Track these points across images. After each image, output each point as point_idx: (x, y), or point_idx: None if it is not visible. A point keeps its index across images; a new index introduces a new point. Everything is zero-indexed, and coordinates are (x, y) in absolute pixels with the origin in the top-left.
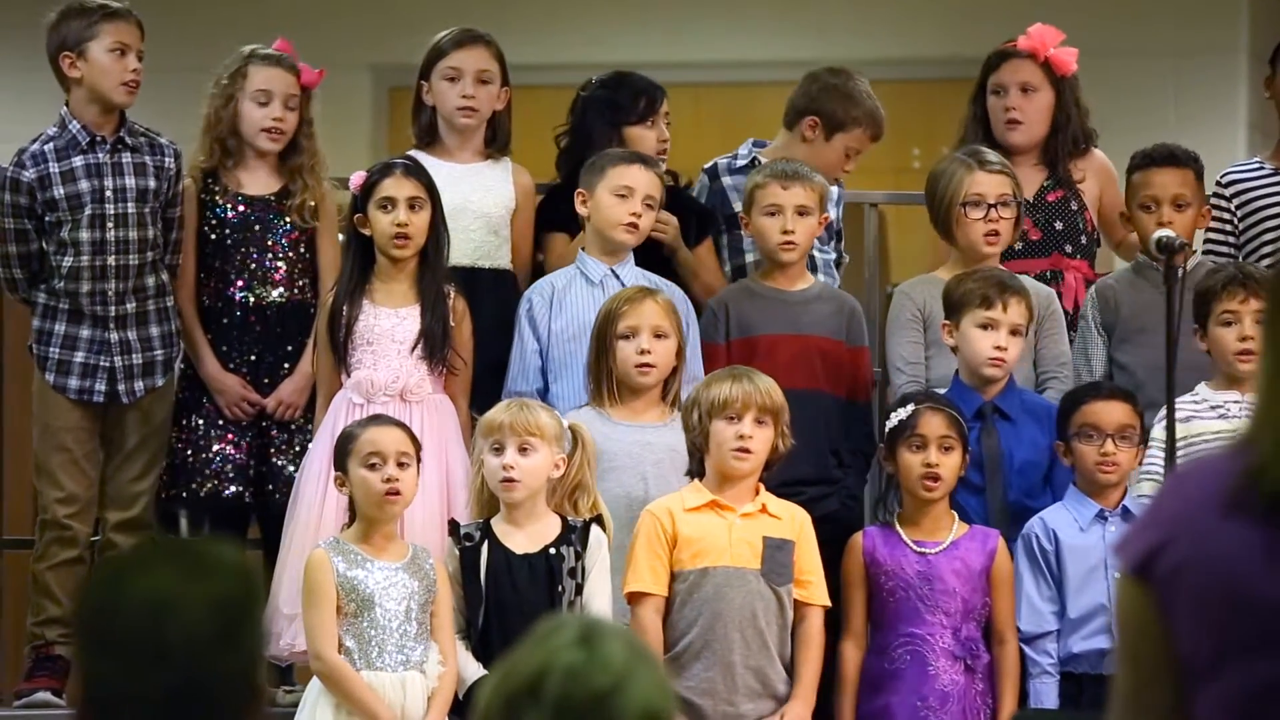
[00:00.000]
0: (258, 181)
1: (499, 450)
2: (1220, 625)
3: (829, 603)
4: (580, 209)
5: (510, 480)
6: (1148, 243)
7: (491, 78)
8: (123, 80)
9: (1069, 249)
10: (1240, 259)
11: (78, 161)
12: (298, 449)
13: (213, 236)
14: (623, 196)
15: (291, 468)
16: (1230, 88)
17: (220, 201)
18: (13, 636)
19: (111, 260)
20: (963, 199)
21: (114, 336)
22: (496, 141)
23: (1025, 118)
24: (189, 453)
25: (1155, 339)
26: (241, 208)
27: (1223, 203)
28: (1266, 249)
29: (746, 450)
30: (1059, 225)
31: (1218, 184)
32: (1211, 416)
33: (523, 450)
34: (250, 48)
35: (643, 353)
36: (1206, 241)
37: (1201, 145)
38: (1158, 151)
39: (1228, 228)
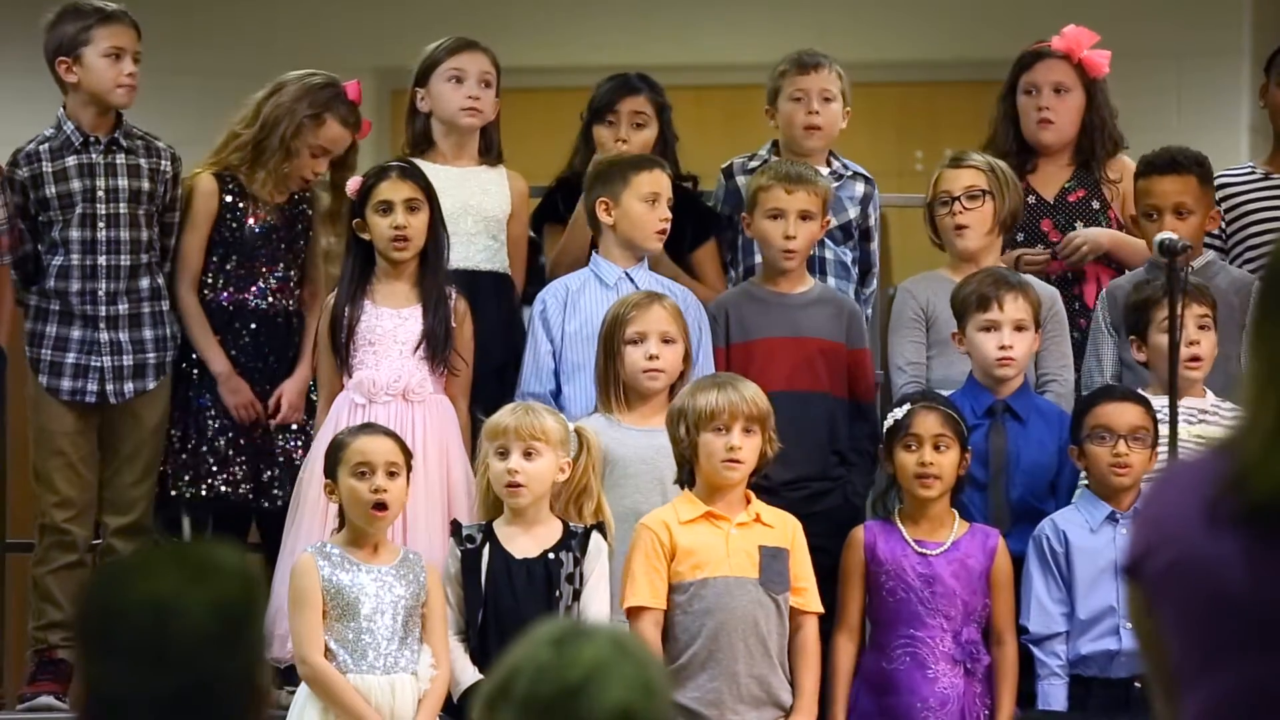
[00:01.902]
0: (275, 189)
1: (504, 454)
2: (1203, 627)
3: (823, 609)
4: (604, 218)
5: (515, 485)
6: (1153, 247)
7: (492, 82)
8: (119, 83)
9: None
10: (1229, 263)
11: (71, 161)
12: (301, 449)
13: (231, 239)
14: (652, 203)
15: (296, 464)
16: (1232, 91)
17: (242, 206)
18: (16, 640)
19: (102, 260)
20: (933, 198)
21: (104, 336)
22: (490, 152)
23: (1057, 118)
24: (192, 452)
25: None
26: (263, 214)
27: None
28: (1250, 253)
29: (737, 461)
30: (1079, 226)
31: None
32: None
33: (528, 455)
34: (329, 84)
35: (651, 358)
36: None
37: (1203, 148)
38: (1160, 158)
39: (1215, 231)
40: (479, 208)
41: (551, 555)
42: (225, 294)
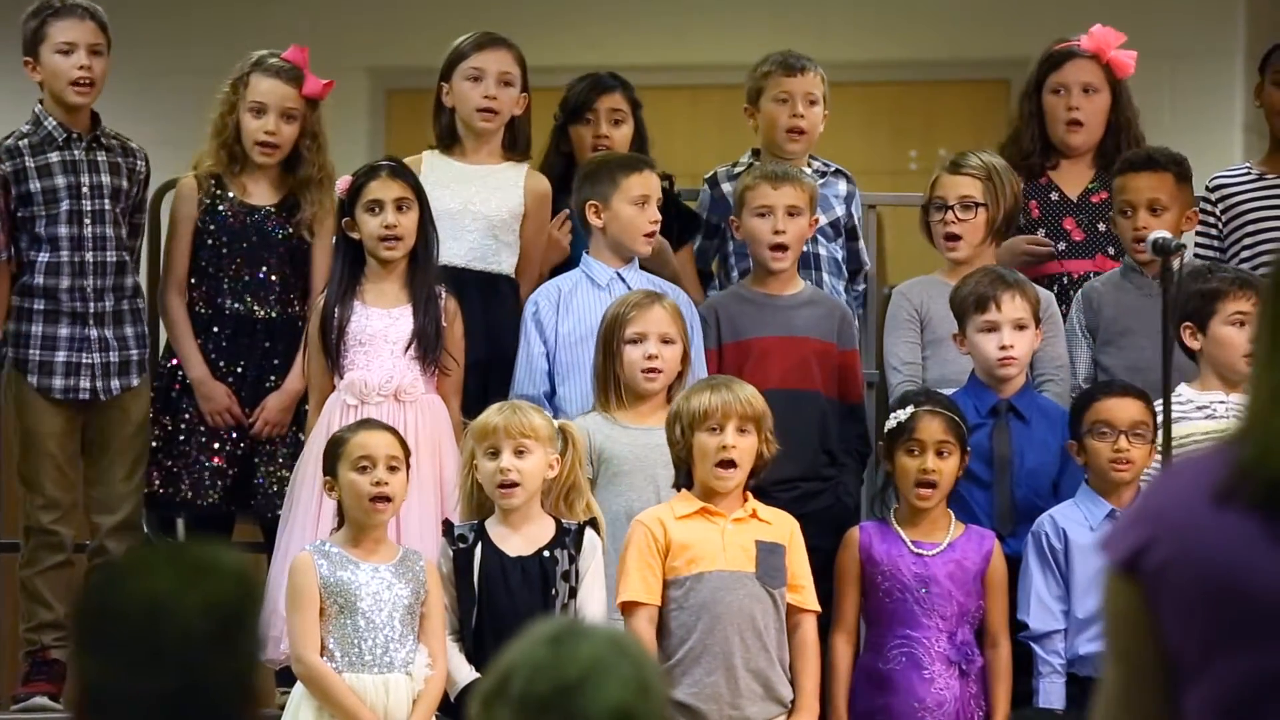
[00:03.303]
0: (261, 191)
1: (494, 454)
2: (1210, 618)
3: (819, 608)
4: (594, 220)
5: (509, 484)
6: (1129, 247)
7: (513, 80)
8: (70, 80)
9: (1112, 251)
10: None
11: (54, 157)
12: (282, 458)
13: (209, 242)
14: (641, 205)
15: (276, 475)
16: (1226, 90)
17: (222, 208)
18: (10, 641)
19: (90, 256)
20: (929, 200)
21: (93, 333)
22: (516, 147)
23: (1087, 119)
24: (171, 456)
25: (1137, 341)
26: (241, 216)
27: (1209, 207)
28: (1246, 254)
29: (731, 462)
30: (1102, 227)
31: (1206, 188)
32: (1199, 417)
33: (518, 453)
34: (258, 55)
35: (650, 358)
36: (1195, 245)
37: (1197, 147)
38: (1135, 156)
39: (1213, 232)
40: (481, 208)
41: (546, 553)
42: (206, 298)
